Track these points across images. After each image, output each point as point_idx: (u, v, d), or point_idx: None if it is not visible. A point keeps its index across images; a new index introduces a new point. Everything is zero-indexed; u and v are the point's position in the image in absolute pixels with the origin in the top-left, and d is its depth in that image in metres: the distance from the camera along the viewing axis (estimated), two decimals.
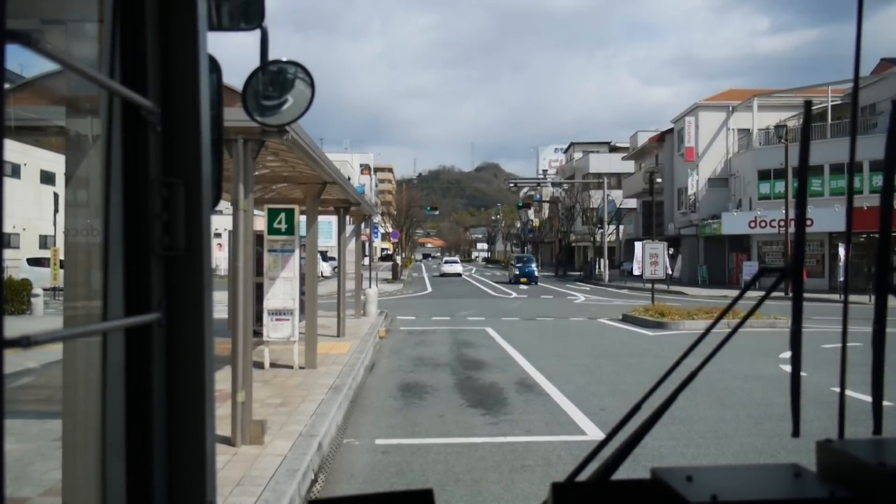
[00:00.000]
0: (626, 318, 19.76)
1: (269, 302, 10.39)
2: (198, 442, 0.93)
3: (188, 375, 0.93)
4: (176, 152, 0.93)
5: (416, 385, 10.09)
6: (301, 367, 10.34)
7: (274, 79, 2.63)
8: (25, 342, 0.62)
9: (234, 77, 4.45)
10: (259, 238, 10.27)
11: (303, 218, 11.16)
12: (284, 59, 2.76)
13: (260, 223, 10.30)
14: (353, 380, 9.66)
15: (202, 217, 0.93)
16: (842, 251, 25.14)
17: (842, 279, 28.43)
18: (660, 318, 18.03)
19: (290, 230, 10.44)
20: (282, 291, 10.35)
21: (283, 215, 10.51)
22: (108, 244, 0.92)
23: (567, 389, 9.69)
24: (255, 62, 1.97)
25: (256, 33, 1.71)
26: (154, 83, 0.91)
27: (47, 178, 32.63)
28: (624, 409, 1.10)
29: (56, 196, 28.55)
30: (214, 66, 1.10)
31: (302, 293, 10.90)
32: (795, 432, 0.93)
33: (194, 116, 0.93)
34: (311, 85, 2.82)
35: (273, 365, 10.57)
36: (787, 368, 8.56)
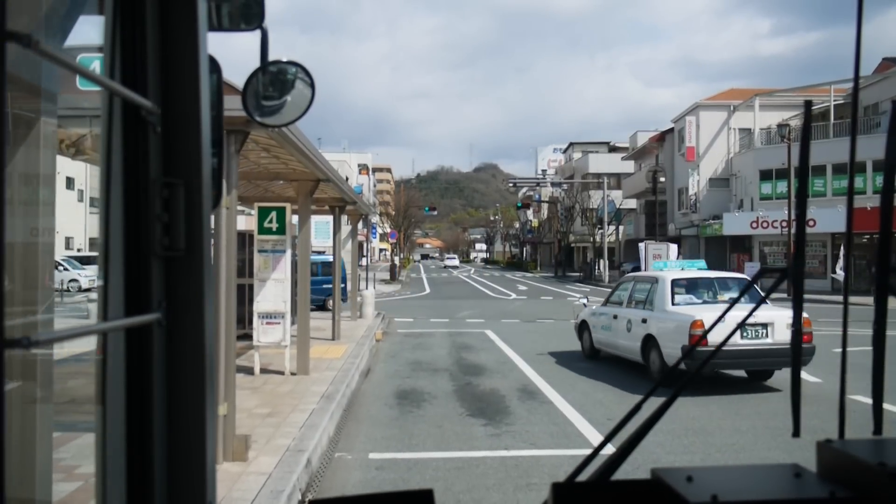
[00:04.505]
0: None
1: (260, 304, 9.92)
2: (198, 442, 0.93)
3: (188, 375, 0.93)
4: (176, 153, 0.93)
5: (413, 392, 9.74)
6: (293, 373, 9.96)
7: (274, 79, 2.63)
8: (26, 342, 0.62)
9: (235, 77, 4.46)
10: (249, 237, 9.74)
11: (296, 217, 10.87)
12: (284, 60, 2.76)
13: (252, 222, 9.82)
14: (347, 387, 9.24)
15: (202, 217, 0.93)
16: (842, 251, 25.09)
17: (835, 273, 28.35)
18: None
19: (282, 229, 9.93)
20: (272, 294, 9.88)
21: (273, 214, 9.98)
22: (108, 244, 0.91)
23: (572, 397, 9.29)
24: (256, 62, 1.97)
25: (257, 34, 1.71)
26: (154, 83, 0.92)
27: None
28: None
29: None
30: (214, 67, 1.10)
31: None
32: (795, 432, 0.93)
33: (194, 117, 0.93)
34: (312, 85, 2.82)
35: (263, 370, 10.17)
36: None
